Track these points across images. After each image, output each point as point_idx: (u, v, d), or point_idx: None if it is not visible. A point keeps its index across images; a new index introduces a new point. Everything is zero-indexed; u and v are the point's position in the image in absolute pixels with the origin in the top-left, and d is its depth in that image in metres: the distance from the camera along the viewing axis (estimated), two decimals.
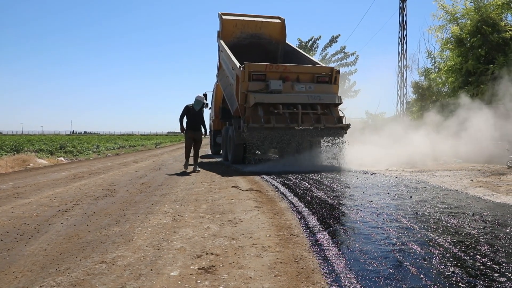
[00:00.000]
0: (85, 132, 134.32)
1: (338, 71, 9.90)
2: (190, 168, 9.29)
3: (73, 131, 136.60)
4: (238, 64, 9.42)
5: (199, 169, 9.08)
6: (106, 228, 3.65)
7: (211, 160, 13.04)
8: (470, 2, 14.31)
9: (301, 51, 12.47)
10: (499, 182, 6.48)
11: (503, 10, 13.79)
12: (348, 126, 9.48)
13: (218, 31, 12.48)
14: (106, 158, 14.80)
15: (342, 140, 9.69)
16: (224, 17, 12.48)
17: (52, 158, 13.24)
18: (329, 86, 9.77)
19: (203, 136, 9.38)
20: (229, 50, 10.71)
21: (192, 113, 9.07)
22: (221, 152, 13.18)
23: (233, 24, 12.46)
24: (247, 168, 9.30)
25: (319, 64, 10.73)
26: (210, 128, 16.68)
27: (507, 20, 14.13)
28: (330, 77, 9.79)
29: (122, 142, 26.51)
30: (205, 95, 16.57)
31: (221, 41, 11.68)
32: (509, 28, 13.31)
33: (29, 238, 3.36)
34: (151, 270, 2.54)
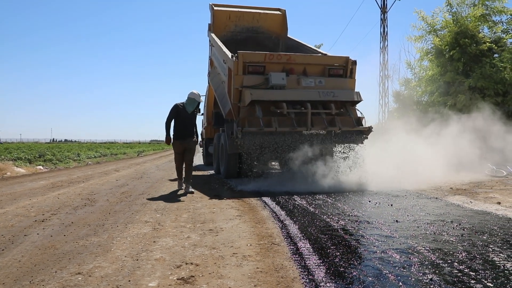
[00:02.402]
0: (65, 140, 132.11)
1: (354, 62, 8.09)
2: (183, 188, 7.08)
3: (53, 139, 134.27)
4: (230, 54, 7.82)
5: (192, 190, 6.74)
6: (84, 239, 3.57)
7: (202, 173, 11.29)
8: (449, 14, 14.73)
9: (307, 44, 10.42)
10: (478, 189, 6.61)
11: (480, 22, 14.22)
12: (370, 129, 7.65)
13: (209, 24, 10.97)
14: (87, 167, 14.55)
15: (361, 148, 7.76)
16: (215, 8, 10.96)
17: (30, 167, 12.94)
18: (344, 80, 8.00)
19: (196, 144, 7.24)
20: (221, 42, 9.16)
21: (182, 116, 6.81)
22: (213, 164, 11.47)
23: (226, 16, 10.88)
24: (242, 185, 7.38)
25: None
26: (202, 136, 15.06)
27: (483, 32, 14.57)
28: (345, 70, 8.03)
29: (104, 150, 26.16)
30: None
31: (212, 34, 10.15)
32: (487, 40, 13.72)
33: (3, 250, 3.25)
34: (129, 281, 2.49)
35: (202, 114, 14.63)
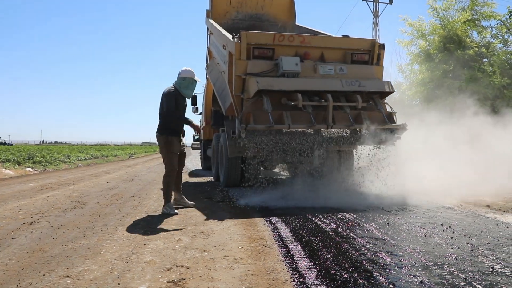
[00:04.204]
0: (55, 142, 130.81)
1: (382, 46, 6.78)
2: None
3: (43, 140, 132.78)
4: (230, 37, 6.49)
5: (191, 201, 5.47)
6: (73, 241, 3.53)
7: (198, 179, 9.71)
8: (436, 19, 14.92)
9: (321, 32, 8.82)
10: (468, 192, 6.63)
11: (468, 27, 14.42)
12: (404, 127, 6.23)
13: (207, 10, 9.59)
14: (77, 169, 14.42)
15: (392, 149, 6.28)
16: None
17: (19, 169, 12.80)
18: (370, 67, 6.64)
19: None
20: (220, 27, 7.88)
21: (181, 105, 5.25)
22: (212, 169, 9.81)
23: (227, 0, 9.61)
24: (245, 198, 5.88)
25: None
26: (200, 138, 13.52)
27: (473, 37, 14.78)
28: (371, 55, 6.67)
29: (95, 152, 25.95)
30: (194, 96, 13.02)
31: (211, 20, 8.83)
32: (474, 45, 13.91)
33: None
34: (119, 284, 2.47)
35: (200, 113, 13.51)
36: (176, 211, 4.96)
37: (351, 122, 5.97)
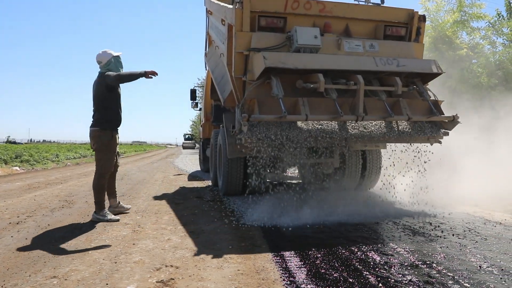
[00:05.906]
0: (44, 141, 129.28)
1: (423, 18, 5.47)
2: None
3: (31, 139, 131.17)
4: (230, 6, 5.01)
5: (111, 215, 4.43)
6: (60, 241, 3.48)
7: (194, 184, 8.23)
8: (428, 20, 15.06)
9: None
10: (458, 192, 6.67)
11: (457, 28, 14.59)
12: (455, 120, 4.70)
13: None
14: (66, 168, 14.25)
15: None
16: None
17: (6, 168, 12.59)
18: (408, 45, 5.22)
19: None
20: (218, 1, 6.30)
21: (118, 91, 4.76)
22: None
23: None
24: (251, 211, 4.73)
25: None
26: (199, 137, 12.62)
27: (462, 37, 14.95)
28: (409, 29, 5.30)
29: (84, 151, 25.65)
30: (193, 90, 12.54)
31: None
32: (464, 46, 14.08)
33: None
34: (107, 284, 2.44)
35: (200, 109, 12.55)
36: (114, 217, 4.44)
37: (389, 113, 4.49)
